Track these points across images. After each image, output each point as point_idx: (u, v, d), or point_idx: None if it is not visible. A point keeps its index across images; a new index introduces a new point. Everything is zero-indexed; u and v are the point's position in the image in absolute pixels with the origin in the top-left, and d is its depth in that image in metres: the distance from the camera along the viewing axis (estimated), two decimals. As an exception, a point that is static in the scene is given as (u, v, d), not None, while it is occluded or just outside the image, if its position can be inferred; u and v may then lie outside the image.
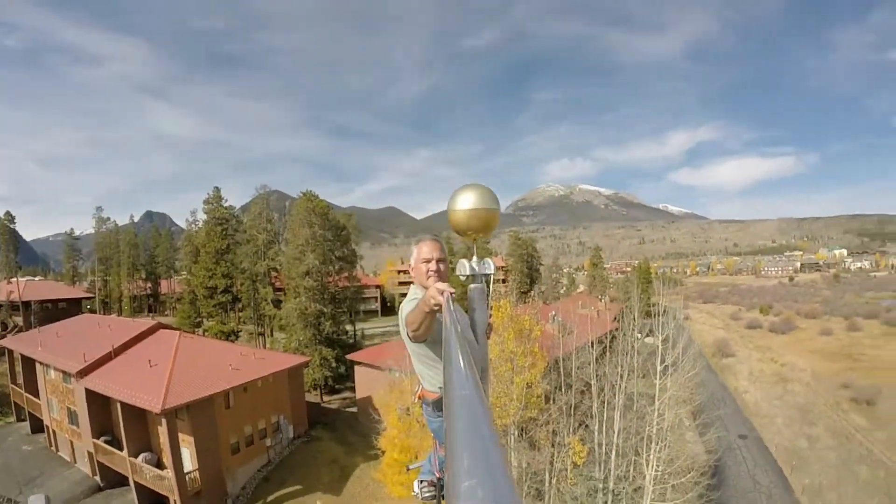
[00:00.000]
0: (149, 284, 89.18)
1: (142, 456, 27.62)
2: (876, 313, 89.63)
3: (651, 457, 22.04)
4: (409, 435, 27.26)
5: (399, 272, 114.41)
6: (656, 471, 22.01)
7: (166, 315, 79.33)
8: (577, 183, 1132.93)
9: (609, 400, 25.63)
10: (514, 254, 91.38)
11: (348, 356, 42.59)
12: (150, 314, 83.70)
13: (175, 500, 26.05)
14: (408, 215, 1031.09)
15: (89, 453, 29.39)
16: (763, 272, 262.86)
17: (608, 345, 29.16)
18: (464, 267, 2.79)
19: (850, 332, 79.47)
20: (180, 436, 26.18)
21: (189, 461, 26.68)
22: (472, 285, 2.81)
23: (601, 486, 24.19)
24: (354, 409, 41.53)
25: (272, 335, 59.54)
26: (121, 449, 27.45)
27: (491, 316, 3.10)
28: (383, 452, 28.68)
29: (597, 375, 27.21)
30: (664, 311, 25.40)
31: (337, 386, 46.79)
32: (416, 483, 3.60)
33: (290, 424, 35.08)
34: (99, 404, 28.89)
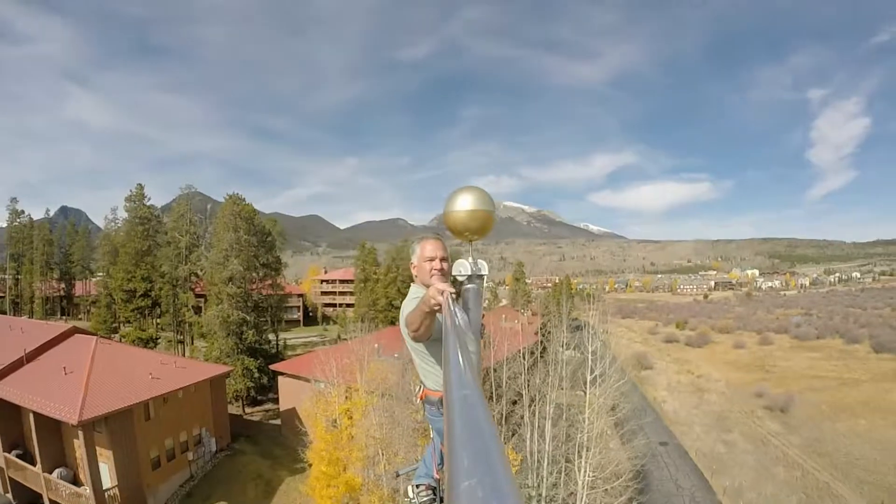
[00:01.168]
0: (62, 285, 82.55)
1: (57, 472, 25.40)
2: (786, 328, 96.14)
3: (583, 463, 22.20)
4: (338, 447, 26.18)
5: (322, 282, 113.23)
6: (588, 476, 22.08)
7: (80, 319, 74.94)
8: (502, 200, 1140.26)
9: (540, 409, 25.63)
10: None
11: (271, 366, 40.98)
12: (64, 317, 78.05)
13: None
14: (331, 224, 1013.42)
15: (0, 468, 26.77)
16: (679, 290, 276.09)
17: (538, 356, 29.40)
18: (464, 267, 2.76)
19: (762, 346, 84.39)
20: (98, 450, 24.30)
21: (108, 477, 24.86)
22: (467, 286, 2.79)
23: (534, 493, 24.11)
24: (278, 422, 40.07)
25: (192, 343, 56.62)
26: (34, 464, 25.17)
27: (484, 316, 2.93)
28: (310, 465, 27.49)
29: (527, 386, 27.23)
30: (585, 325, 25.88)
31: (259, 397, 45.05)
32: (410, 488, 3.52)
33: (212, 437, 33.29)
34: (9, 415, 26.19)
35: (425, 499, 3.42)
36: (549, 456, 25.04)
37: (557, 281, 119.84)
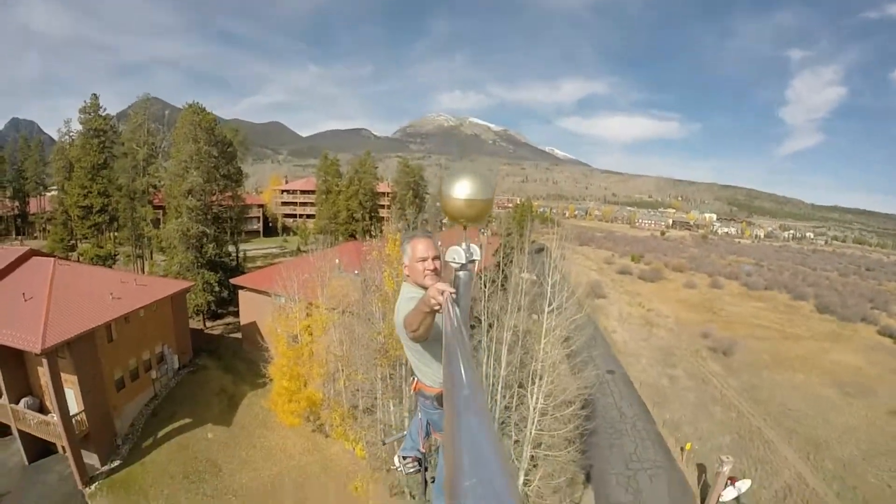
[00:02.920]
0: (16, 203, 78.43)
1: (23, 401, 25.14)
2: (736, 275, 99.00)
3: (535, 390, 22.89)
4: (298, 363, 26.57)
5: (283, 192, 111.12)
6: (539, 403, 22.93)
7: (36, 237, 72.00)
8: (468, 116, 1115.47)
9: (497, 335, 26.15)
10: (402, 181, 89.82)
11: (232, 280, 40.67)
12: (19, 237, 74.68)
13: (63, 446, 24.17)
14: (293, 132, 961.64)
15: None
16: (637, 224, 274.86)
17: (500, 282, 29.73)
18: (458, 254, 2.72)
19: (712, 289, 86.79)
20: (63, 375, 23.75)
21: (74, 403, 24.58)
22: (459, 272, 2.77)
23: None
24: (239, 335, 40.08)
25: (152, 258, 55.41)
26: None
27: (474, 300, 2.61)
28: (272, 381, 27.96)
29: (486, 311, 27.71)
30: (545, 249, 25.81)
31: (220, 311, 44.72)
32: (397, 458, 3.77)
33: (174, 354, 33.29)
34: (-31, 348, 25.59)
35: (411, 469, 3.74)
36: (504, 380, 25.89)
37: (519, 202, 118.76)
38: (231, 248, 52.99)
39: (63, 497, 23.97)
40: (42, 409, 25.49)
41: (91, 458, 25.40)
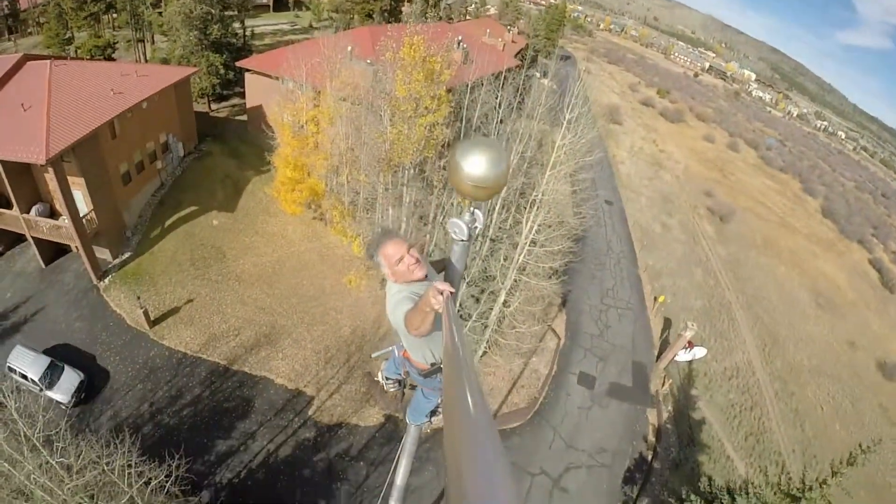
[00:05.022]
0: (5, 2, 71.31)
1: (34, 209, 25.36)
2: (757, 145, 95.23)
3: (532, 218, 22.84)
4: (303, 153, 26.55)
5: None
6: (533, 234, 22.92)
7: (31, 33, 65.89)
8: None
9: (509, 141, 25.81)
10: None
11: (238, 63, 38.68)
12: (11, 36, 68.79)
13: (76, 247, 24.98)
14: None
15: None
16: (673, 57, 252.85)
17: (520, 85, 28.43)
18: (460, 230, 2.56)
19: (729, 150, 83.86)
20: (70, 179, 23.61)
21: (83, 203, 24.88)
22: (454, 247, 2.71)
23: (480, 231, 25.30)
24: (244, 118, 39.43)
25: (153, 42, 52.02)
26: (10, 207, 24.69)
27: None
28: (276, 169, 28.22)
29: (497, 129, 26.91)
30: (568, 58, 23.99)
31: (225, 92, 43.02)
32: (380, 374, 4.24)
33: (179, 142, 32.91)
34: (-27, 166, 25.16)
35: (392, 388, 4.34)
36: (504, 201, 26.21)
37: (553, 2, 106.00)
38: (237, 26, 49.25)
39: (80, 293, 25.66)
40: (53, 214, 26.06)
41: (103, 253, 26.63)
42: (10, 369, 21.49)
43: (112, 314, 24.91)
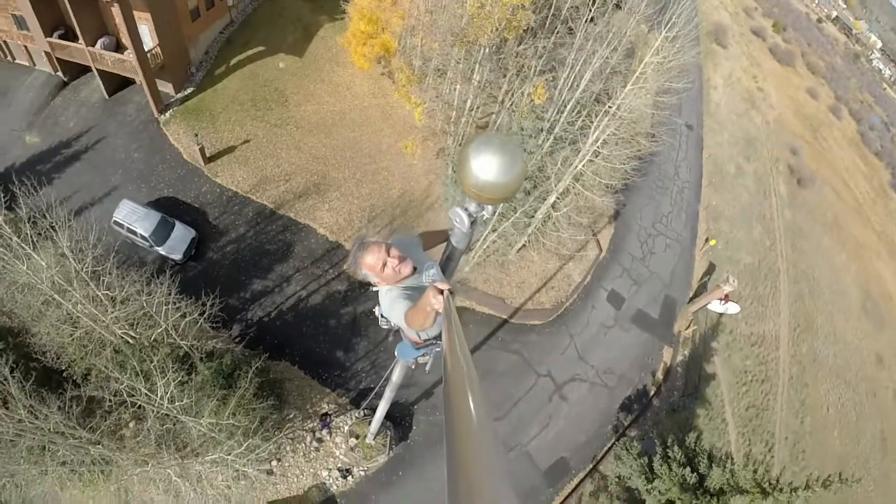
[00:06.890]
0: None
1: (100, 42, 25.29)
2: (861, 118, 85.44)
3: (602, 124, 21.63)
4: (381, 7, 25.39)
5: None
6: (597, 146, 21.91)
7: None
8: None
9: (588, 58, 23.66)
10: None
11: None
12: None
13: (140, 80, 25.03)
14: None
15: (46, 53, 26.33)
16: None
17: None
18: (460, 219, 2.63)
19: (830, 113, 76.38)
20: (136, 14, 23.27)
21: (148, 38, 24.72)
22: (462, 231, 2.73)
23: (547, 126, 24.51)
24: None
25: None
26: (76, 40, 24.57)
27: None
28: (350, 19, 27.14)
29: (584, 29, 24.88)
30: None
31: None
32: (377, 310, 4.03)
33: None
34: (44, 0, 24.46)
35: (386, 326, 4.27)
36: (576, 104, 24.75)
37: None
38: None
39: (140, 125, 26.12)
40: (118, 48, 25.93)
41: (166, 87, 26.78)
42: (117, 223, 21.49)
43: (170, 147, 25.57)
